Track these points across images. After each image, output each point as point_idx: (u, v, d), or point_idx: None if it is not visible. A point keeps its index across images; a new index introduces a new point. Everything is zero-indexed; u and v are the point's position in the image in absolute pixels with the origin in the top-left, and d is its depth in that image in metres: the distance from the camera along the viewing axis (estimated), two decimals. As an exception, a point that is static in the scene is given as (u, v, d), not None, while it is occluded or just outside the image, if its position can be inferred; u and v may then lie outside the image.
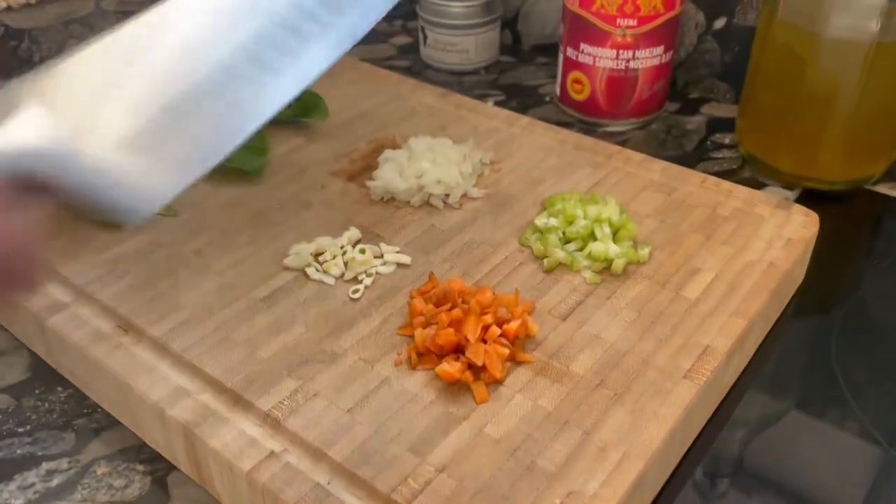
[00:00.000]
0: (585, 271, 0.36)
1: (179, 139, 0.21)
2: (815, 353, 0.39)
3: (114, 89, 0.21)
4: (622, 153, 0.46)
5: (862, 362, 0.38)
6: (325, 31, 0.25)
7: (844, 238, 0.47)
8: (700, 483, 0.32)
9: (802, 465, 0.33)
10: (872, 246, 0.47)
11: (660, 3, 0.51)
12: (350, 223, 0.40)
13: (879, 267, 0.44)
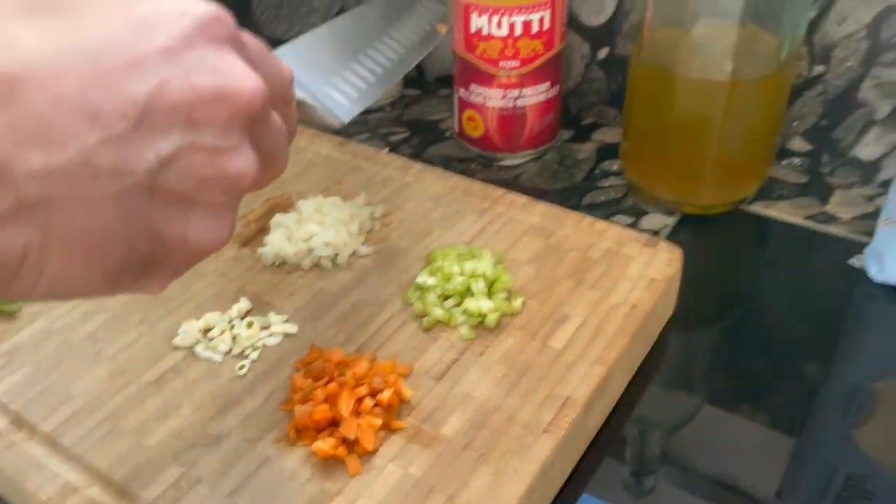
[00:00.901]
0: (462, 327, 0.39)
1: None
2: (692, 379, 0.42)
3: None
4: (506, 197, 0.48)
5: (736, 383, 0.41)
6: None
7: (724, 257, 0.50)
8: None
9: (681, 499, 0.36)
10: (751, 262, 0.50)
11: (539, 45, 0.54)
12: (241, 293, 0.42)
13: (758, 282, 0.47)
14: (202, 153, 0.21)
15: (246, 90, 0.21)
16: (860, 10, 0.48)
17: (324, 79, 0.32)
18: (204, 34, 0.21)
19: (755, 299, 0.46)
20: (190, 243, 0.22)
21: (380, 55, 0.36)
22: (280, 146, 0.24)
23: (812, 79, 0.52)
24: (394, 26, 0.38)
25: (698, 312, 0.46)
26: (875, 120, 0.51)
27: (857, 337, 0.45)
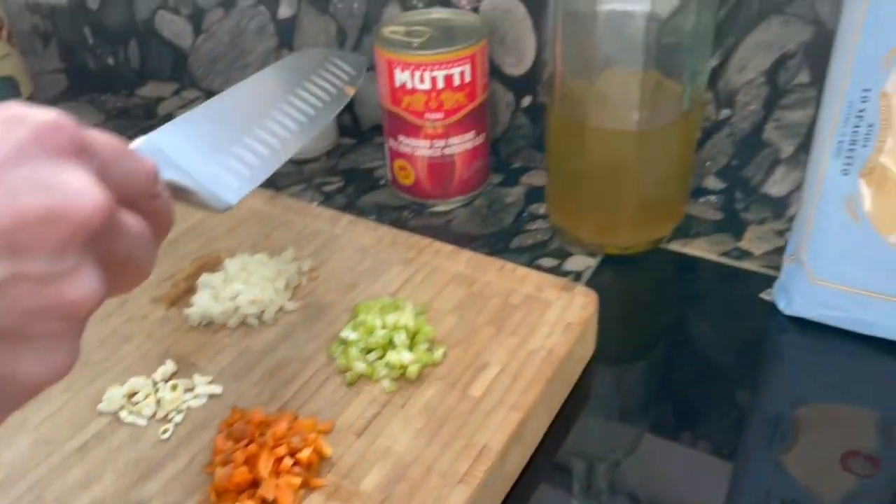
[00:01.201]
0: (384, 380, 0.40)
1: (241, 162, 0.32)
2: (620, 414, 0.43)
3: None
4: (432, 246, 0.49)
5: (660, 416, 0.42)
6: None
7: (646, 295, 0.52)
8: (490, 571, 0.35)
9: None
10: (672, 299, 0.52)
11: (462, 97, 0.56)
12: (167, 354, 0.42)
13: (680, 317, 0.49)
14: (30, 282, 0.19)
15: (82, 208, 0.19)
16: (758, 59, 0.51)
17: (211, 157, 0.30)
18: (39, 145, 0.19)
19: (677, 334, 0.48)
20: (20, 380, 0.20)
21: (278, 125, 0.34)
22: (140, 250, 0.23)
23: (720, 122, 0.54)
24: (296, 92, 0.36)
25: (624, 349, 0.47)
26: (780, 158, 0.54)
27: (774, 368, 0.48)
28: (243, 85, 0.35)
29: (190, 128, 0.30)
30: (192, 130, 0.30)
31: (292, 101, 0.35)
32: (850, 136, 0.42)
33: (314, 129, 0.35)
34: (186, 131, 0.30)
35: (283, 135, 0.34)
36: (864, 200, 0.43)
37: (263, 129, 0.33)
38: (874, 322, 0.45)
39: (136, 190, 0.24)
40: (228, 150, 0.31)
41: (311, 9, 0.67)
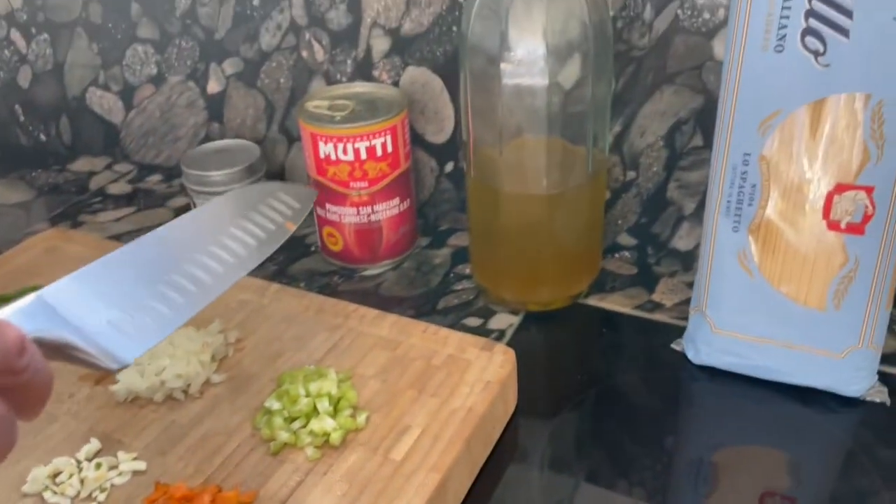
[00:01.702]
0: (308, 448, 0.41)
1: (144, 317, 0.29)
2: (543, 468, 0.45)
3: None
4: (357, 312, 0.51)
5: (576, 466, 0.44)
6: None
7: (568, 348, 0.55)
8: None
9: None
10: (592, 351, 0.54)
11: (385, 166, 0.58)
12: (93, 432, 0.42)
13: (600, 368, 0.51)
14: None
15: None
16: (656, 125, 0.55)
17: (113, 310, 0.28)
18: None
19: (599, 385, 0.50)
20: None
21: (202, 269, 0.32)
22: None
23: (628, 182, 0.58)
24: (230, 231, 0.34)
25: (548, 402, 0.49)
26: (684, 215, 0.57)
27: (690, 414, 0.50)
28: (177, 222, 0.34)
29: (99, 277, 0.29)
30: (100, 280, 0.29)
31: (223, 240, 0.34)
32: (737, 196, 0.45)
33: (248, 266, 0.34)
34: (93, 281, 0.28)
35: (204, 279, 0.32)
36: (754, 255, 0.46)
37: (184, 274, 0.31)
38: (773, 367, 0.48)
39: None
40: (138, 302, 0.29)
41: (240, 84, 0.69)
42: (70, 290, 0.27)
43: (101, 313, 0.28)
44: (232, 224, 0.34)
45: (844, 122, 0.41)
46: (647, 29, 0.52)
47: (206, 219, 0.35)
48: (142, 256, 0.31)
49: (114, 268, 0.30)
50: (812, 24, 0.39)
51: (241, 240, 0.34)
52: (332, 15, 0.62)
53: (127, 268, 0.30)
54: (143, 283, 0.30)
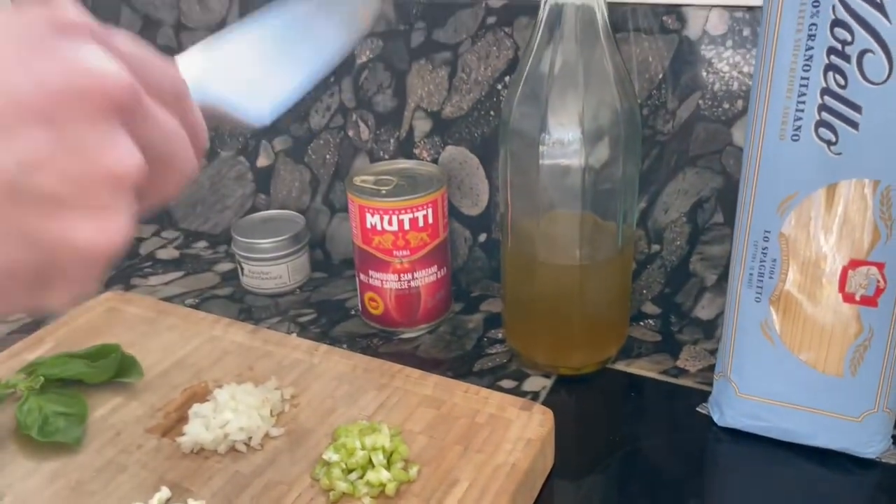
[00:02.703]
0: (365, 498, 0.44)
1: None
2: (567, 529, 0.48)
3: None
4: (402, 372, 0.55)
5: (600, 533, 0.47)
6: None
7: (597, 411, 0.58)
8: None
9: None
10: (620, 414, 0.57)
11: (426, 236, 0.63)
12: (162, 481, 0.46)
13: (628, 431, 0.54)
14: (69, 152, 0.21)
15: (105, 81, 0.21)
16: (679, 202, 0.60)
17: (241, 78, 0.31)
18: (58, 30, 0.21)
19: (628, 446, 0.53)
20: (78, 248, 0.21)
21: (302, 51, 0.34)
22: (175, 144, 0.25)
23: (652, 255, 0.62)
24: (319, 19, 0.36)
25: (580, 462, 0.52)
26: (706, 286, 0.61)
27: (715, 476, 0.53)
28: (268, 15, 0.36)
29: (220, 49, 0.31)
30: (222, 52, 0.31)
31: (317, 26, 0.36)
32: (758, 269, 0.49)
33: (337, 55, 0.36)
34: (216, 53, 0.31)
35: (309, 60, 0.34)
36: (776, 324, 0.50)
37: (292, 54, 0.34)
38: (794, 430, 0.51)
39: (162, 88, 0.25)
40: (259, 73, 0.32)
41: (288, 159, 0.74)
42: (201, 55, 0.30)
43: (235, 76, 0.31)
44: (320, 15, 0.37)
45: (856, 205, 0.45)
46: (670, 116, 0.57)
47: (291, 11, 0.37)
48: (247, 39, 0.34)
49: (231, 43, 0.32)
50: (825, 117, 0.44)
51: (330, 26, 0.37)
52: (379, 99, 0.67)
53: (242, 44, 0.33)
54: (260, 57, 0.33)
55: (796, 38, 0.44)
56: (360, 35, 0.40)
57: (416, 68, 0.65)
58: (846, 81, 0.43)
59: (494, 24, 0.60)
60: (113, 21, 0.76)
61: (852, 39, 0.42)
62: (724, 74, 0.55)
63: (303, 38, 0.35)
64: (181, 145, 0.25)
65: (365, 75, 0.67)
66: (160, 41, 0.75)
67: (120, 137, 0.22)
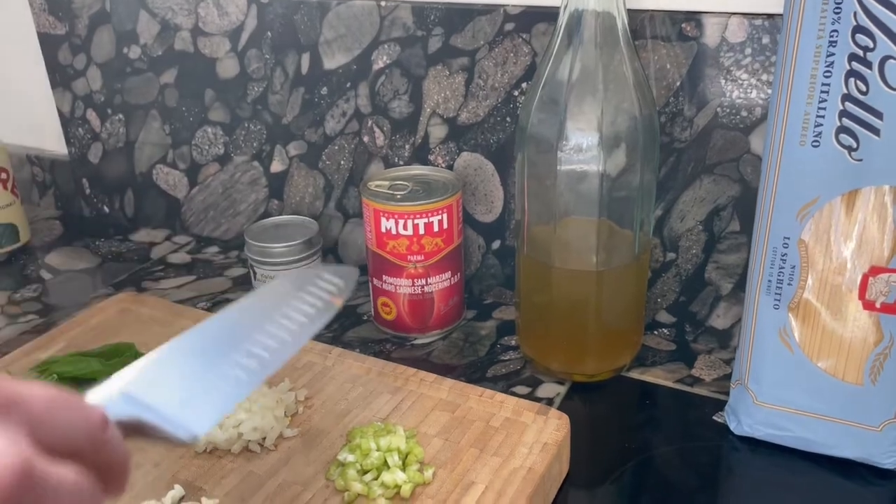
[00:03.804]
0: (380, 499, 0.43)
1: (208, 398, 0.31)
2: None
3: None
4: (417, 375, 0.54)
5: (616, 540, 0.46)
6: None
7: (611, 418, 0.57)
8: None
9: None
10: (634, 422, 0.57)
11: (440, 241, 0.62)
12: (175, 480, 0.45)
13: (642, 439, 0.54)
14: None
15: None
16: (695, 210, 0.59)
17: (181, 389, 0.30)
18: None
19: (643, 455, 0.53)
20: None
21: (258, 346, 0.33)
22: (75, 499, 0.23)
23: (667, 263, 0.62)
24: (281, 312, 0.36)
25: (593, 468, 0.51)
26: (721, 295, 0.61)
27: (731, 485, 0.52)
28: (233, 307, 0.37)
29: (167, 361, 0.31)
30: (169, 363, 0.31)
31: (277, 320, 0.35)
32: (777, 276, 0.49)
33: (299, 343, 0.36)
34: (163, 365, 0.31)
35: (262, 355, 0.33)
36: (794, 331, 0.49)
37: (242, 353, 0.33)
38: (812, 439, 0.50)
39: (79, 441, 0.24)
40: (205, 379, 0.31)
41: (302, 164, 0.74)
42: (143, 375, 0.30)
43: (174, 393, 0.30)
44: (284, 306, 0.36)
45: (877, 211, 0.45)
46: (688, 124, 0.57)
47: (259, 303, 0.37)
48: (205, 339, 0.34)
49: (181, 351, 0.32)
50: (846, 123, 0.44)
51: (293, 318, 0.36)
52: (395, 105, 0.68)
53: (192, 351, 0.33)
54: (209, 363, 0.32)
55: (817, 44, 0.44)
56: (324, 322, 0.38)
57: (432, 74, 0.65)
58: (867, 88, 0.43)
59: (512, 30, 0.60)
60: (131, 25, 0.77)
61: (874, 46, 0.42)
62: (742, 82, 0.55)
63: (259, 335, 0.34)
64: (83, 498, 0.23)
65: (381, 81, 0.67)
66: (178, 46, 0.75)
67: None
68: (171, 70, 0.77)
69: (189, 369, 0.31)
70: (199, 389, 0.31)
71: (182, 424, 0.29)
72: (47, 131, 0.89)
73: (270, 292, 0.39)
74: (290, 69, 0.71)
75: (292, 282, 0.39)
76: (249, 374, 0.32)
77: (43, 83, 0.86)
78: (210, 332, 0.34)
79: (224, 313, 0.36)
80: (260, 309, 0.36)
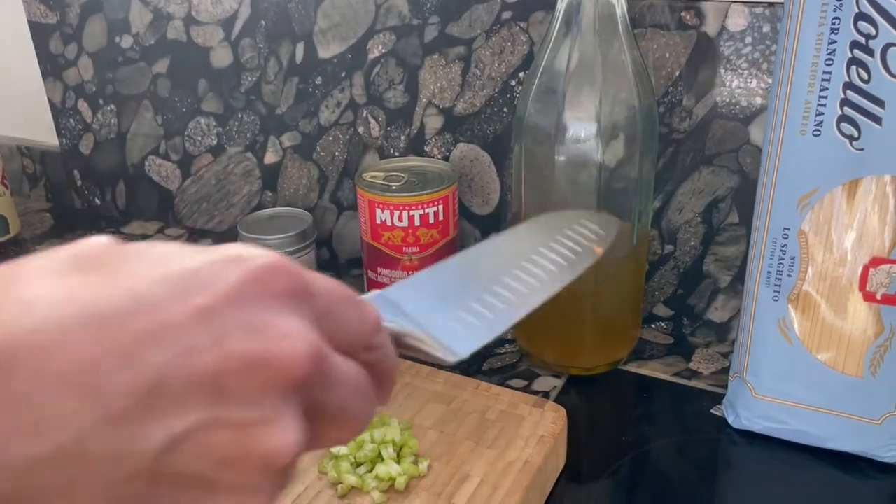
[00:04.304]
0: (374, 492, 0.43)
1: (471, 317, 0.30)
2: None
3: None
4: (412, 368, 0.54)
5: (613, 533, 0.46)
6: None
7: (608, 412, 0.57)
8: None
9: None
10: (631, 415, 0.56)
11: (436, 233, 0.62)
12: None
13: (639, 432, 0.53)
14: (226, 429, 0.18)
15: (289, 356, 0.19)
16: (693, 202, 0.59)
17: (446, 310, 0.29)
18: (254, 288, 0.19)
19: (640, 448, 0.52)
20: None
21: (519, 282, 0.33)
22: (355, 402, 0.22)
23: (665, 256, 0.62)
24: (542, 251, 0.35)
25: (589, 462, 0.51)
26: (720, 288, 0.61)
27: (729, 479, 0.52)
28: (491, 242, 0.36)
29: (427, 282, 0.31)
30: (428, 285, 0.31)
31: (537, 258, 0.35)
32: (777, 268, 0.48)
33: (559, 284, 0.35)
34: (423, 286, 0.30)
35: (521, 290, 0.32)
36: (794, 323, 0.49)
37: (503, 285, 0.32)
38: (811, 433, 0.50)
39: (356, 339, 0.23)
40: (465, 304, 0.30)
41: (296, 155, 0.74)
42: (406, 293, 0.29)
43: (438, 310, 0.29)
44: (542, 245, 0.36)
45: (878, 201, 0.44)
46: (687, 114, 0.57)
47: (519, 239, 0.37)
48: (465, 268, 0.33)
49: (442, 276, 0.32)
50: (847, 111, 0.43)
51: (551, 259, 0.35)
52: (390, 95, 0.67)
53: (453, 277, 0.32)
54: (469, 290, 0.31)
55: (819, 31, 0.43)
56: (585, 268, 0.37)
57: (428, 63, 0.64)
58: (869, 76, 0.42)
59: (510, 18, 0.60)
60: (123, 14, 0.76)
61: (876, 33, 0.42)
62: (742, 71, 0.54)
63: (520, 271, 0.33)
64: (361, 401, 0.23)
65: (377, 70, 0.66)
66: (170, 35, 0.74)
67: (288, 417, 0.19)
68: (163, 60, 0.76)
69: (450, 293, 0.31)
70: (461, 313, 0.29)
71: (446, 343, 0.28)
72: (38, 122, 0.88)
73: (530, 230, 0.38)
74: (285, 59, 0.70)
75: (552, 223, 0.38)
76: (508, 305, 0.31)
77: (34, 73, 0.85)
78: (469, 262, 0.34)
79: (483, 245, 0.35)
80: (519, 246, 0.36)
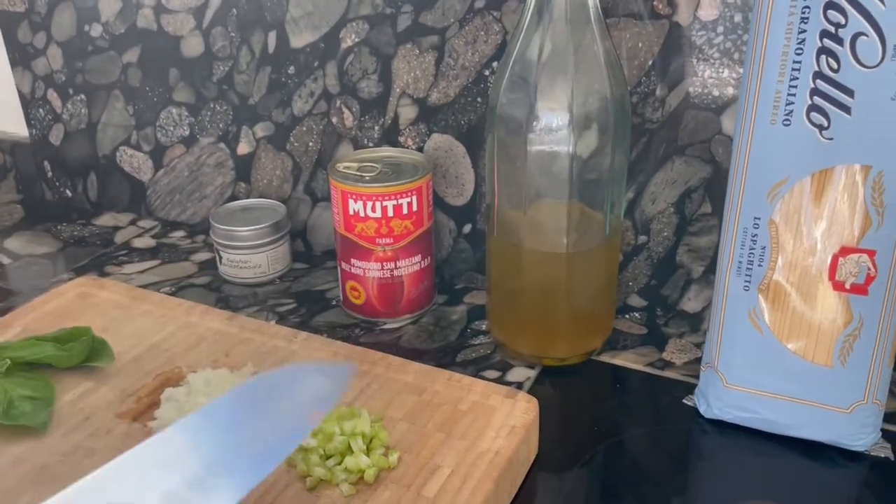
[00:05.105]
0: (343, 484, 0.42)
1: None
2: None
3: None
4: (384, 360, 0.53)
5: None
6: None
7: (581, 402, 0.57)
8: None
9: None
10: (605, 406, 0.56)
11: (410, 224, 0.61)
12: (131, 466, 0.44)
13: (613, 422, 0.53)
14: None
15: None
16: (666, 192, 0.59)
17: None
18: None
19: (613, 438, 0.52)
20: None
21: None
22: None
23: (638, 246, 0.62)
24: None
25: (562, 452, 0.51)
26: (693, 278, 0.61)
27: (701, 468, 0.52)
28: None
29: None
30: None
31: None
32: (747, 257, 0.48)
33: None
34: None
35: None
36: (764, 313, 0.49)
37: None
38: (782, 422, 0.50)
39: None
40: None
41: (270, 146, 0.73)
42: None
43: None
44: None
45: (847, 191, 0.44)
46: (659, 104, 0.57)
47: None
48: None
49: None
50: (817, 101, 0.43)
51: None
52: (364, 84, 0.66)
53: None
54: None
55: (789, 20, 0.43)
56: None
57: (402, 53, 0.63)
58: (839, 65, 0.42)
59: (483, 7, 0.59)
60: (92, 2, 0.74)
61: (846, 22, 0.42)
62: (714, 61, 0.54)
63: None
64: None
65: (350, 60, 0.66)
66: (140, 24, 0.73)
67: None
68: (133, 49, 0.75)
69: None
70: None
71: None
72: (7, 112, 0.87)
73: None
74: (257, 48, 0.69)
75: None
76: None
77: (2, 63, 0.83)
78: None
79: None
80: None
